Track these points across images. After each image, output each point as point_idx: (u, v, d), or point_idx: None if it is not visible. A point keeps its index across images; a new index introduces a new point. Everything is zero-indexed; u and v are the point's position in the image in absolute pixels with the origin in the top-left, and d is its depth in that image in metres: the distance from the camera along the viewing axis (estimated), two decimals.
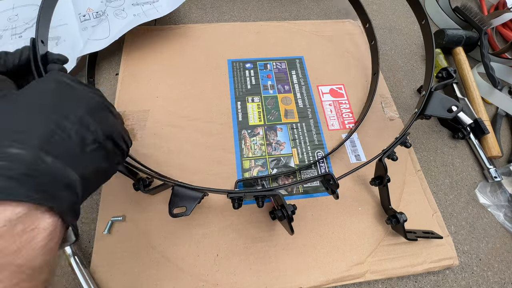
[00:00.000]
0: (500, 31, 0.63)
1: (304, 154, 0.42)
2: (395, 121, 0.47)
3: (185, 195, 0.31)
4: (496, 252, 0.40)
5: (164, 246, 0.35)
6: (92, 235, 0.36)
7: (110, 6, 0.51)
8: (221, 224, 0.37)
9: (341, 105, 0.48)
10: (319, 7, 0.64)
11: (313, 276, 0.34)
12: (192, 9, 0.60)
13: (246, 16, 0.60)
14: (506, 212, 0.42)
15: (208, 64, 0.50)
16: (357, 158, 0.43)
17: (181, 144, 0.42)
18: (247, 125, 0.44)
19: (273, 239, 0.36)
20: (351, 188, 0.40)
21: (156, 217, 0.37)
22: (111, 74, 0.50)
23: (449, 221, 0.41)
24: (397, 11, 0.66)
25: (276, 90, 0.48)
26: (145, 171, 0.33)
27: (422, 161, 0.46)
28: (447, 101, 0.37)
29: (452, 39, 0.55)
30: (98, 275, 0.33)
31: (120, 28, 0.48)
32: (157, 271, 0.33)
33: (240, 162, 0.41)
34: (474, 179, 0.45)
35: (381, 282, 0.36)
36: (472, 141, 0.47)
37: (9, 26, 0.53)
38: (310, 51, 0.54)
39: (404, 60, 0.57)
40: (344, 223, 0.38)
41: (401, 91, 0.53)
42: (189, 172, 0.40)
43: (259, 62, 0.51)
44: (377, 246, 0.36)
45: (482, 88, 0.52)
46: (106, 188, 0.38)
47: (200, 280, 0.33)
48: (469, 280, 0.37)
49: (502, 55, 0.57)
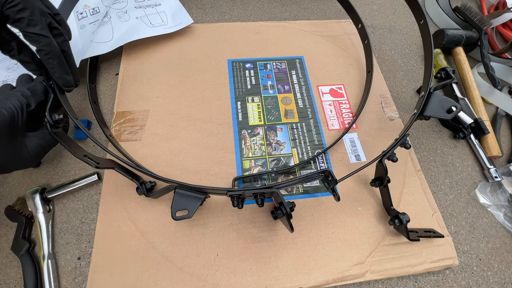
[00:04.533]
0: (500, 31, 0.63)
1: (304, 154, 0.42)
2: (395, 121, 0.47)
3: (187, 198, 0.31)
4: (496, 252, 0.40)
5: (164, 246, 0.35)
6: (92, 235, 0.36)
7: (113, 8, 0.51)
8: (221, 224, 0.37)
9: (341, 105, 0.48)
10: (319, 7, 0.64)
11: (313, 276, 0.34)
12: (192, 9, 0.60)
13: (246, 16, 0.60)
14: (506, 212, 0.42)
15: (208, 64, 0.50)
16: (357, 158, 0.43)
17: (181, 144, 0.42)
18: (247, 125, 0.44)
19: (273, 239, 0.36)
20: (351, 188, 0.40)
21: (156, 217, 0.37)
22: (111, 74, 0.50)
23: (449, 221, 0.41)
24: (397, 11, 0.66)
25: (276, 90, 0.48)
26: (149, 174, 0.33)
27: (422, 161, 0.46)
28: (446, 101, 0.37)
29: (452, 39, 0.55)
30: (98, 275, 0.33)
31: (123, 31, 0.49)
32: (157, 271, 0.33)
33: (240, 162, 0.41)
34: (474, 179, 0.45)
35: (381, 282, 0.36)
36: (472, 141, 0.47)
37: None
38: (310, 51, 0.54)
39: (404, 60, 0.57)
40: (344, 223, 0.38)
41: (401, 91, 0.53)
42: (189, 172, 0.40)
43: (259, 62, 0.51)
44: (377, 246, 0.36)
45: (482, 88, 0.52)
46: (106, 188, 0.38)
47: (200, 280, 0.33)
48: (469, 280, 0.37)
49: (502, 55, 0.57)
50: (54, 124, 0.31)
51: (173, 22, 0.52)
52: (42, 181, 0.40)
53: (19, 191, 0.38)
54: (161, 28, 0.51)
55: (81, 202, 0.38)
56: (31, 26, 0.29)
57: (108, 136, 0.39)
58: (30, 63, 0.33)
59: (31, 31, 0.29)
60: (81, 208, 0.38)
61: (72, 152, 0.30)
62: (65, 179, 0.40)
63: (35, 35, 0.30)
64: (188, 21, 0.53)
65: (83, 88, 0.47)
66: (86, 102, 0.45)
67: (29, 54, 0.33)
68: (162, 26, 0.51)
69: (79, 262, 0.35)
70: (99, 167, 0.31)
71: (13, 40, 0.32)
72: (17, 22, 0.29)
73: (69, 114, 0.33)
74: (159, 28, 0.51)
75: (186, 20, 0.53)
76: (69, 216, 0.38)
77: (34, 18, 0.29)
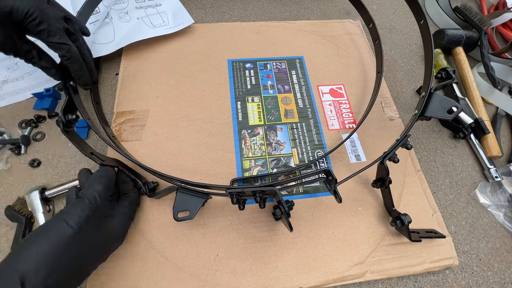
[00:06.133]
0: (500, 31, 0.63)
1: (304, 154, 0.42)
2: (395, 121, 0.47)
3: (189, 199, 0.31)
4: (496, 252, 0.40)
5: (164, 246, 0.35)
6: None
7: (113, 9, 0.51)
8: (221, 224, 0.37)
9: (341, 105, 0.48)
10: (319, 7, 0.64)
11: (313, 276, 0.34)
12: (192, 9, 0.60)
13: (246, 16, 0.60)
14: (506, 212, 0.42)
15: (208, 64, 0.50)
16: (357, 158, 0.43)
17: (181, 144, 0.42)
18: (247, 125, 0.44)
19: (273, 239, 0.36)
20: (351, 188, 0.40)
21: (156, 217, 0.37)
22: (111, 74, 0.50)
23: (449, 221, 0.41)
24: (397, 11, 0.66)
25: (276, 90, 0.48)
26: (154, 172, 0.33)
27: (422, 161, 0.46)
28: (447, 102, 0.37)
29: (452, 39, 0.55)
30: (98, 275, 0.33)
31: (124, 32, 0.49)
32: (157, 271, 0.33)
33: (240, 162, 0.41)
34: (474, 179, 0.45)
35: (381, 282, 0.36)
36: (472, 141, 0.47)
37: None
38: (310, 51, 0.54)
39: (404, 60, 0.57)
40: (344, 223, 0.38)
41: (401, 91, 0.53)
42: (189, 172, 0.40)
43: (259, 62, 0.51)
44: (377, 246, 0.36)
45: (482, 88, 0.52)
46: None
47: (200, 280, 0.33)
48: (469, 280, 0.37)
49: (502, 55, 0.57)
50: (67, 124, 0.33)
51: (174, 22, 0.52)
52: (42, 181, 0.40)
53: (19, 191, 0.38)
54: (162, 28, 0.51)
55: None
56: (51, 36, 0.32)
57: (110, 137, 0.39)
58: (50, 68, 0.37)
59: (52, 41, 0.33)
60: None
61: (80, 149, 0.33)
62: (65, 179, 0.40)
63: (57, 43, 0.33)
64: (189, 21, 0.53)
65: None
66: (87, 103, 0.45)
67: (48, 60, 0.37)
68: (163, 27, 0.51)
69: None
70: (104, 164, 0.33)
71: (33, 49, 0.35)
72: (39, 35, 0.32)
73: (82, 114, 0.35)
74: (160, 28, 0.51)
75: (187, 20, 0.53)
76: None
77: (52, 28, 0.32)
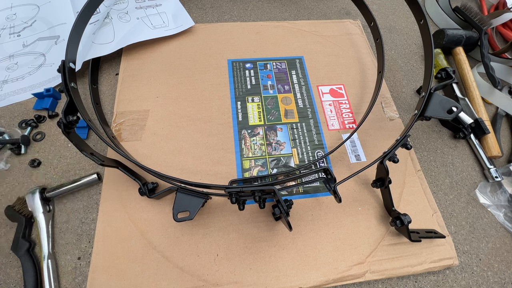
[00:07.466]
0: (500, 31, 0.63)
1: (304, 154, 0.42)
2: (395, 121, 0.47)
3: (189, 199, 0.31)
4: (496, 252, 0.40)
5: (164, 246, 0.35)
6: (92, 235, 0.36)
7: (113, 9, 0.51)
8: (221, 224, 0.37)
9: (341, 105, 0.48)
10: (319, 7, 0.64)
11: (313, 276, 0.34)
12: (192, 9, 0.60)
13: (246, 16, 0.60)
14: (506, 212, 0.42)
15: (208, 64, 0.50)
16: (357, 158, 0.43)
17: (181, 144, 0.42)
18: (247, 125, 0.44)
19: (273, 239, 0.36)
20: (351, 188, 0.40)
21: (156, 217, 0.37)
22: (111, 74, 0.50)
23: (449, 221, 0.41)
24: (397, 11, 0.66)
25: (276, 90, 0.48)
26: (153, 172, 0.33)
27: (422, 161, 0.46)
28: (447, 102, 0.37)
29: (452, 39, 0.55)
30: (98, 275, 0.33)
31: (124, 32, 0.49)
32: (157, 271, 0.33)
33: (240, 162, 0.41)
34: (474, 179, 0.45)
35: (381, 282, 0.36)
36: (472, 141, 0.47)
37: (7, 25, 0.53)
38: (310, 51, 0.54)
39: (404, 60, 0.57)
40: (344, 223, 0.38)
41: (401, 91, 0.53)
42: (189, 172, 0.40)
43: (259, 62, 0.51)
44: (377, 246, 0.36)
45: (482, 88, 0.52)
46: (106, 188, 0.38)
47: (200, 280, 0.33)
48: (469, 280, 0.37)
49: (502, 55, 0.57)
50: (68, 125, 0.34)
51: (175, 24, 0.52)
52: (42, 181, 0.40)
53: (19, 191, 0.38)
54: (162, 30, 0.51)
55: (81, 202, 0.38)
56: None
57: (110, 137, 0.39)
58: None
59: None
60: (81, 208, 0.38)
61: (80, 149, 0.33)
62: (65, 179, 0.40)
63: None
64: (189, 23, 0.53)
65: (85, 89, 0.47)
66: (87, 103, 0.45)
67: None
68: (164, 28, 0.51)
69: (79, 262, 0.35)
70: (104, 164, 0.33)
71: None
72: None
73: (83, 116, 0.35)
74: (160, 30, 0.51)
75: (187, 22, 0.53)
76: (69, 216, 0.38)
77: None
